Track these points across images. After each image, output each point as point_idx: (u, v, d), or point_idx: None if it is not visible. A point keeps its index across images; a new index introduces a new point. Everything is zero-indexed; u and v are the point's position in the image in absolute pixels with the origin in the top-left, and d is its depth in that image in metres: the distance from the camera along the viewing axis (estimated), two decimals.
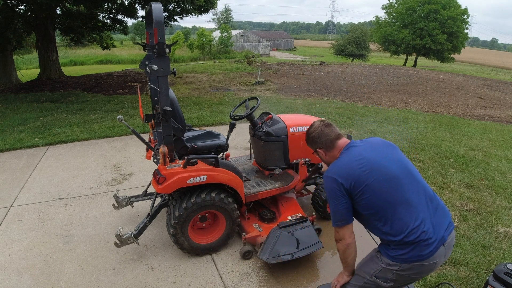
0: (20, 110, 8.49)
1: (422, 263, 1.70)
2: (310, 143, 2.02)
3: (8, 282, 2.68)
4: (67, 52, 37.14)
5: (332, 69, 19.49)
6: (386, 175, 1.74)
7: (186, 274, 2.76)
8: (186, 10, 13.45)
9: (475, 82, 19.03)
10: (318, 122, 1.99)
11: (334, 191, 1.76)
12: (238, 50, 46.96)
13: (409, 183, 1.76)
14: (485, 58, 61.57)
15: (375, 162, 1.77)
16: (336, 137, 1.92)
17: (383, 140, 1.94)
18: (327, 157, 1.96)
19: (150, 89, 2.84)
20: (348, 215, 1.79)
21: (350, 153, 1.84)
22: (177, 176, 2.61)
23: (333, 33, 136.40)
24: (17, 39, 13.57)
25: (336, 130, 1.95)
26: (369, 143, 1.90)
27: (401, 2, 36.95)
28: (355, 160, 1.78)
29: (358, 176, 1.73)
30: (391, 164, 1.78)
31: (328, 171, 1.84)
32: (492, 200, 4.10)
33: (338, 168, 1.81)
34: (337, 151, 1.91)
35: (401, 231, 1.69)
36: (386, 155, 1.83)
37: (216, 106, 8.74)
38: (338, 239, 1.84)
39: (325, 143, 1.92)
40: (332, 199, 1.79)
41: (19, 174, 4.64)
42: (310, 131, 1.98)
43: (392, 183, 1.73)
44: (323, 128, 1.94)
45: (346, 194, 1.75)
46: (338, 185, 1.75)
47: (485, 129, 7.78)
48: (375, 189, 1.72)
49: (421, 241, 1.67)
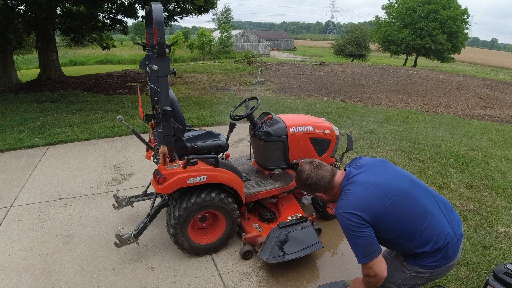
0: (20, 110, 8.49)
1: (450, 263, 1.77)
2: (307, 189, 1.93)
3: (8, 282, 2.68)
4: (67, 52, 37.11)
5: (332, 69, 19.50)
6: (399, 193, 1.73)
7: (186, 274, 2.76)
8: (186, 10, 13.46)
9: (475, 82, 19.03)
10: (307, 165, 1.89)
11: (356, 226, 1.68)
12: (238, 50, 46.95)
13: (420, 193, 1.77)
14: (485, 58, 61.57)
15: (383, 185, 1.75)
16: (332, 176, 1.86)
17: (373, 159, 1.93)
18: (328, 197, 1.92)
19: (150, 89, 2.84)
20: (377, 244, 1.71)
21: (355, 185, 1.79)
22: (177, 176, 2.61)
23: (333, 33, 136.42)
24: (17, 39, 13.56)
25: (328, 167, 1.89)
26: (365, 167, 1.87)
27: (401, 2, 36.96)
28: (365, 190, 1.74)
29: (375, 205, 1.70)
30: (397, 180, 1.78)
31: (342, 208, 1.74)
32: (492, 200, 4.10)
33: (352, 202, 1.73)
34: (337, 189, 1.87)
35: (430, 240, 1.71)
36: (387, 173, 1.82)
37: (216, 106, 8.74)
38: (372, 275, 1.71)
39: (325, 187, 1.86)
40: (354, 234, 1.69)
41: (19, 174, 4.64)
42: (305, 178, 1.87)
43: (407, 199, 1.73)
44: (316, 172, 1.85)
45: (369, 224, 1.69)
46: (359, 218, 1.68)
47: (485, 129, 7.78)
48: (395, 211, 1.70)
49: (448, 244, 1.72)
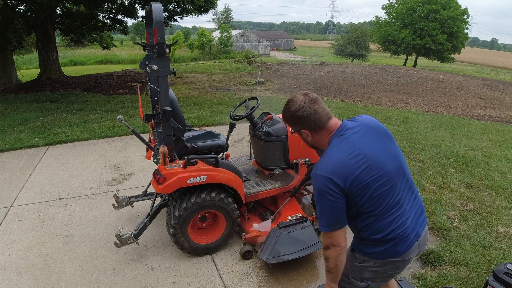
0: (20, 110, 8.49)
1: (397, 258, 1.63)
2: (294, 123, 1.67)
3: (8, 282, 2.68)
4: (67, 52, 37.11)
5: (332, 69, 19.50)
6: (383, 176, 1.56)
7: (186, 274, 2.76)
8: (186, 10, 13.46)
9: (475, 82, 19.03)
10: (301, 96, 1.64)
11: (329, 192, 1.52)
12: (238, 50, 46.96)
13: (402, 182, 1.62)
14: (485, 58, 61.58)
15: (373, 158, 1.56)
16: (327, 117, 1.63)
17: (377, 124, 1.69)
18: (311, 139, 1.69)
19: (150, 89, 2.84)
20: (344, 217, 1.57)
21: (344, 145, 1.57)
22: (177, 176, 2.61)
23: (333, 33, 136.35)
24: (17, 39, 13.57)
25: (325, 107, 1.65)
26: (364, 126, 1.64)
27: (401, 2, 36.96)
28: (352, 156, 1.54)
29: (355, 175, 1.52)
30: (388, 161, 1.59)
31: (319, 168, 1.56)
32: (492, 200, 4.10)
33: (332, 165, 1.54)
34: (326, 135, 1.64)
35: (384, 229, 1.58)
36: (384, 148, 1.61)
37: (216, 106, 8.74)
38: (331, 245, 1.58)
39: (315, 124, 1.62)
40: (325, 201, 1.53)
41: (19, 174, 4.64)
42: (295, 108, 1.62)
43: (387, 184, 1.57)
44: (311, 105, 1.60)
45: (343, 194, 1.53)
46: (335, 185, 1.51)
47: (485, 129, 7.78)
48: (371, 190, 1.54)
49: (400, 237, 1.59)
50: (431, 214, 3.64)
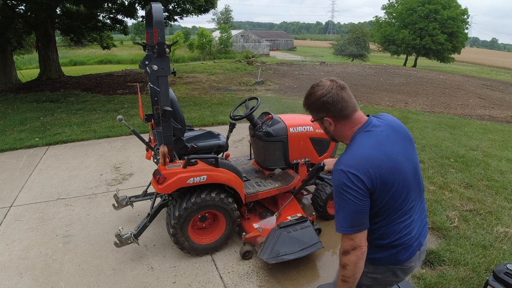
0: (20, 110, 8.49)
1: (399, 266, 1.58)
2: (317, 109, 1.54)
3: (8, 282, 2.68)
4: (67, 52, 37.13)
5: (332, 69, 19.50)
6: (404, 180, 1.47)
7: (186, 274, 2.76)
8: (186, 10, 13.47)
9: (475, 82, 19.03)
10: (328, 81, 1.51)
11: (354, 189, 1.39)
12: (238, 50, 46.96)
13: (416, 190, 1.56)
14: (485, 58, 61.59)
15: (398, 161, 1.46)
16: (353, 108, 1.51)
17: (401, 126, 1.61)
18: (333, 129, 1.56)
19: (150, 89, 2.84)
20: (367, 218, 1.45)
21: (371, 141, 1.46)
22: (177, 176, 2.61)
23: (333, 33, 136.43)
24: (17, 39, 13.58)
25: (352, 97, 1.52)
26: (389, 127, 1.54)
27: (401, 2, 36.97)
28: (379, 154, 1.43)
29: (382, 174, 1.41)
30: (409, 166, 1.51)
31: (344, 163, 1.43)
32: (492, 200, 4.10)
33: (358, 160, 1.42)
34: (350, 127, 1.52)
35: (391, 235, 1.52)
36: (406, 153, 1.52)
37: (216, 106, 8.74)
38: (351, 249, 1.44)
39: (340, 112, 1.49)
40: (348, 199, 1.40)
41: (19, 174, 4.64)
42: (321, 94, 1.49)
43: (405, 190, 1.48)
44: (338, 91, 1.48)
45: (368, 193, 1.41)
46: (361, 182, 1.38)
47: (485, 129, 7.78)
48: (392, 192, 1.45)
49: (404, 245, 1.53)
50: (431, 214, 3.64)
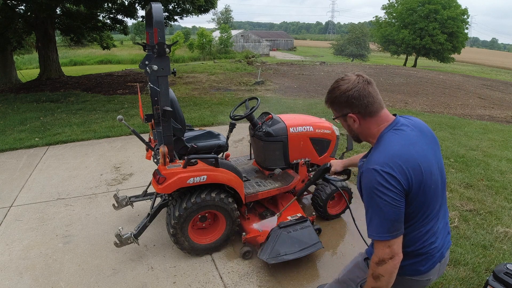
0: (20, 110, 8.49)
1: (416, 278, 1.47)
2: (342, 104, 1.42)
3: (8, 282, 2.68)
4: (67, 52, 37.16)
5: (332, 69, 19.50)
6: (435, 184, 1.37)
7: (186, 274, 2.76)
8: (186, 10, 13.48)
9: (475, 82, 19.03)
10: (354, 76, 1.41)
11: (391, 189, 1.26)
12: (238, 50, 46.97)
13: (442, 197, 1.46)
14: (485, 58, 61.61)
15: (430, 163, 1.36)
16: (380, 105, 1.40)
17: (429, 130, 1.49)
18: (358, 126, 1.44)
19: (150, 89, 2.84)
20: (403, 222, 1.32)
21: (403, 139, 1.35)
22: (177, 176, 2.61)
23: (333, 33, 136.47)
24: (17, 39, 13.58)
25: (379, 93, 1.42)
26: (418, 129, 1.44)
27: (401, 2, 37.00)
28: (413, 152, 1.32)
29: (416, 175, 1.29)
30: (438, 171, 1.41)
31: (376, 162, 1.30)
32: (492, 200, 4.10)
33: (393, 158, 1.29)
34: (376, 125, 1.42)
35: (415, 243, 1.41)
36: (436, 158, 1.42)
37: (216, 106, 8.74)
38: (388, 258, 1.29)
39: (366, 108, 1.38)
40: (384, 201, 1.27)
41: (19, 174, 4.64)
42: (346, 88, 1.38)
43: (434, 195, 1.38)
44: (365, 85, 1.37)
45: (404, 194, 1.29)
46: (396, 181, 1.26)
47: (485, 129, 7.78)
48: (423, 196, 1.33)
49: (427, 254, 1.42)
50: None
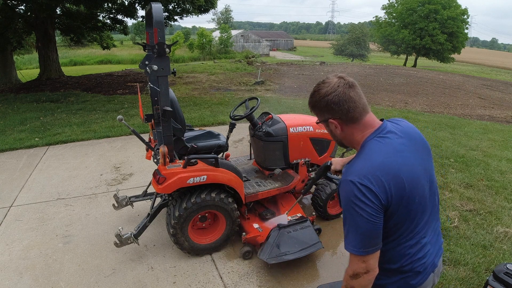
0: (20, 110, 8.49)
1: None
2: (322, 109, 1.33)
3: (8, 282, 2.68)
4: (67, 52, 37.16)
5: (332, 69, 19.49)
6: (420, 197, 1.27)
7: (186, 274, 2.76)
8: (186, 10, 13.48)
9: (475, 82, 19.03)
10: (335, 78, 1.32)
11: (367, 203, 1.18)
12: (238, 50, 46.97)
13: (432, 209, 1.36)
14: (485, 58, 61.63)
15: (416, 174, 1.26)
16: (364, 109, 1.30)
17: (420, 136, 1.38)
18: (340, 134, 1.35)
19: (150, 89, 2.84)
20: (381, 237, 1.24)
21: (387, 148, 1.24)
22: (177, 176, 2.61)
23: (333, 33, 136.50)
24: (17, 39, 13.58)
25: (363, 97, 1.32)
26: (407, 135, 1.32)
27: (401, 2, 37.00)
28: (397, 163, 1.22)
29: (398, 188, 1.20)
30: (426, 182, 1.32)
31: (354, 173, 1.22)
32: (492, 200, 4.10)
33: (372, 170, 1.20)
34: (359, 132, 1.32)
35: (401, 260, 1.33)
36: (425, 167, 1.31)
37: (216, 106, 8.74)
38: (363, 272, 1.24)
39: (347, 114, 1.28)
40: (360, 215, 1.19)
41: (19, 174, 4.64)
42: (325, 92, 1.29)
43: (420, 208, 1.29)
44: (346, 89, 1.28)
45: (382, 209, 1.20)
46: (374, 197, 1.18)
47: (485, 129, 7.78)
48: (405, 210, 1.25)
49: (415, 270, 1.34)
50: None
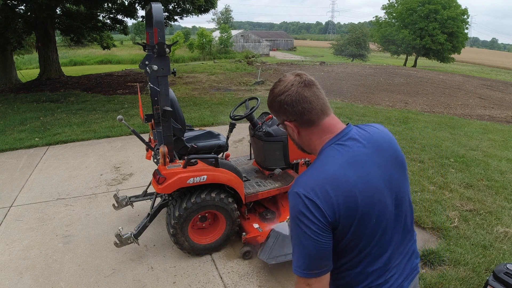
0: (20, 110, 8.49)
1: None
2: (276, 110, 1.20)
3: (8, 282, 2.68)
4: (67, 52, 37.16)
5: (332, 69, 19.50)
6: (378, 216, 1.11)
7: (186, 274, 2.76)
8: (186, 10, 13.48)
9: (475, 82, 19.03)
10: (291, 76, 1.17)
11: (311, 222, 1.03)
12: (238, 50, 46.97)
13: (397, 230, 1.19)
14: (485, 58, 61.63)
15: (375, 189, 1.10)
16: (322, 111, 1.15)
17: (391, 145, 1.21)
18: (298, 138, 1.22)
19: (150, 89, 2.84)
20: (329, 257, 1.09)
21: (343, 158, 1.09)
22: (177, 176, 2.61)
23: (333, 33, 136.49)
24: (17, 39, 13.58)
25: (322, 97, 1.16)
26: (374, 143, 1.16)
27: (401, 2, 37.01)
28: (351, 176, 1.07)
29: (348, 204, 1.05)
30: (390, 199, 1.14)
31: (301, 184, 1.07)
32: (492, 200, 4.10)
33: (321, 182, 1.05)
34: (317, 137, 1.17)
35: (357, 284, 1.18)
36: (390, 180, 1.14)
37: (216, 106, 8.74)
38: None
39: (302, 116, 1.14)
40: (303, 231, 1.04)
41: (19, 174, 4.64)
42: (279, 91, 1.16)
43: (379, 229, 1.12)
44: (300, 88, 1.13)
45: (330, 227, 1.05)
46: (319, 213, 1.03)
47: (485, 129, 7.78)
48: (359, 230, 1.09)
49: None
50: (431, 214, 3.64)
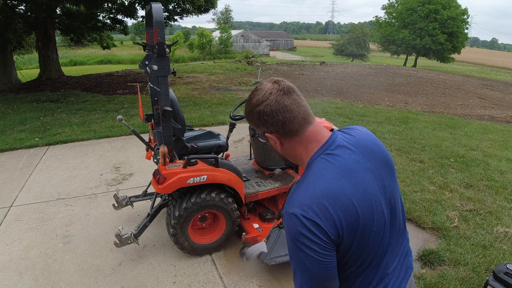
0: (20, 110, 8.49)
1: None
2: (255, 122, 1.10)
3: (8, 282, 2.68)
4: (67, 52, 37.17)
5: (332, 69, 19.50)
6: (379, 225, 1.05)
7: (186, 274, 2.76)
8: (186, 10, 13.48)
9: (475, 82, 19.03)
10: (269, 84, 1.08)
11: (315, 243, 0.95)
12: (238, 50, 46.99)
13: (394, 233, 1.15)
14: (485, 58, 61.64)
15: (372, 198, 1.03)
16: (305, 119, 1.05)
17: (379, 148, 1.14)
18: (281, 149, 1.13)
19: (150, 89, 2.84)
20: (336, 277, 1.03)
21: (335, 170, 1.01)
22: (177, 176, 2.61)
23: (333, 33, 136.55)
24: (17, 39, 13.59)
25: (303, 104, 1.06)
26: (362, 147, 1.09)
27: (401, 2, 37.04)
28: (347, 188, 1.00)
29: (349, 219, 0.98)
30: (385, 204, 1.09)
31: (297, 204, 0.99)
32: (492, 200, 4.10)
33: (318, 199, 0.97)
34: (302, 147, 1.08)
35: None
36: (383, 185, 1.09)
37: (216, 106, 8.74)
38: None
39: (283, 126, 1.05)
40: (306, 255, 0.96)
41: (19, 174, 4.64)
42: (257, 101, 1.06)
43: (378, 237, 1.07)
44: (279, 97, 1.04)
45: (334, 246, 0.98)
46: (323, 233, 0.95)
47: (485, 129, 7.78)
48: (361, 242, 1.02)
49: None
50: (431, 214, 3.64)
